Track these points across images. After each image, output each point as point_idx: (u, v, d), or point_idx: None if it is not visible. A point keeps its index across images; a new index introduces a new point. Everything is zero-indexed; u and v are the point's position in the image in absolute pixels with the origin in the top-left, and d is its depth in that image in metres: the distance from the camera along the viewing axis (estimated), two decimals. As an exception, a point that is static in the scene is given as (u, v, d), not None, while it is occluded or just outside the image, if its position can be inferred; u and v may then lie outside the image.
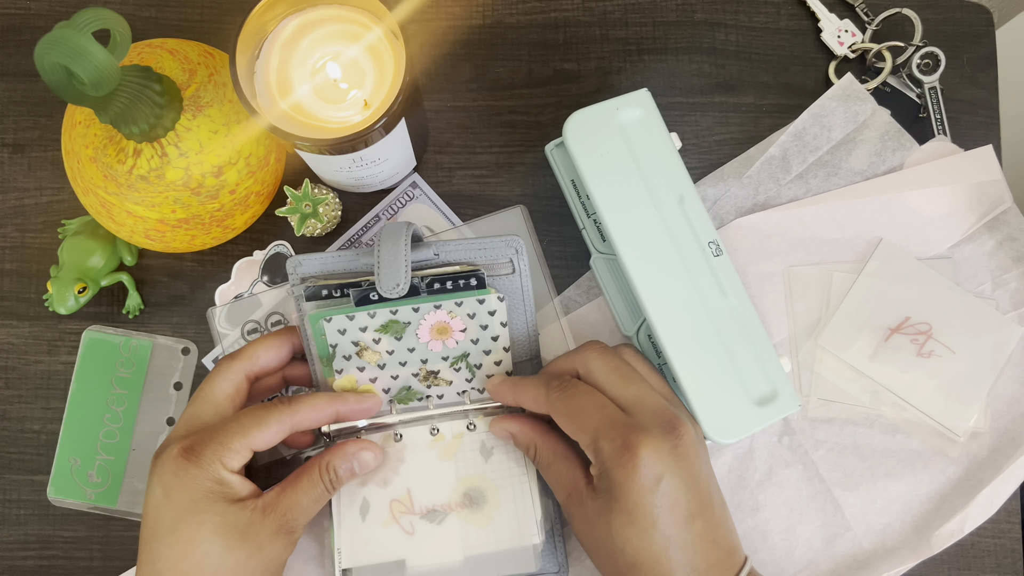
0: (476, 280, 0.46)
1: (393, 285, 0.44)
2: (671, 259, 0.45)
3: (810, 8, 0.54)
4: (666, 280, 0.45)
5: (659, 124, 0.47)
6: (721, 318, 0.45)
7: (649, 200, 0.46)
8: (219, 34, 0.53)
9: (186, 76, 0.44)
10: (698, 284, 0.45)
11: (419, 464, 0.46)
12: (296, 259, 0.46)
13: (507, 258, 0.47)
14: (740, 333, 0.45)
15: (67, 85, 0.37)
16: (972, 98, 0.53)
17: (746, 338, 0.45)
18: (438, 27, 0.54)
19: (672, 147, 0.47)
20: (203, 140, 0.44)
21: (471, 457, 0.46)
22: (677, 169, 0.47)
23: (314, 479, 0.42)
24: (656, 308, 0.45)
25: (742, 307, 0.46)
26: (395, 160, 0.47)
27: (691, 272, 0.45)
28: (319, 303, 0.46)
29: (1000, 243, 0.51)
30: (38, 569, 0.50)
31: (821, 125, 0.52)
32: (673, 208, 0.46)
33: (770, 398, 0.45)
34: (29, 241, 0.52)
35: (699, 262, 0.46)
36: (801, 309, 0.51)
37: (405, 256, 0.44)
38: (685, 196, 0.46)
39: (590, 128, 0.47)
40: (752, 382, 0.45)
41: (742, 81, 0.53)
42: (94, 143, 0.44)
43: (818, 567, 0.49)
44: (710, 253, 0.46)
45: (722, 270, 0.46)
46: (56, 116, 0.53)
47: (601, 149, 0.46)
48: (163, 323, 0.51)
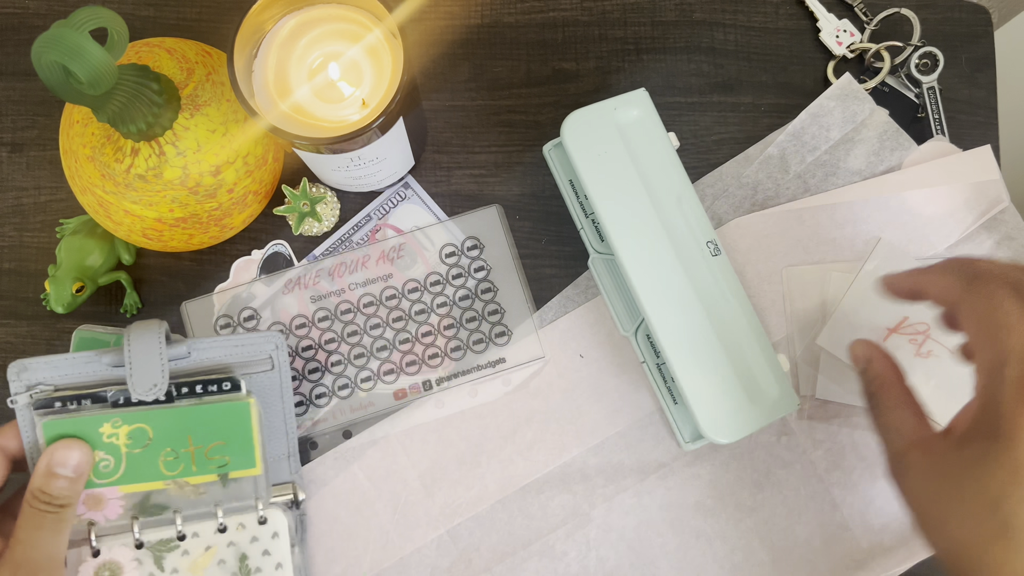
0: (230, 384, 0.44)
1: (150, 385, 0.42)
2: (669, 258, 0.45)
3: (808, 8, 0.54)
4: (664, 279, 0.45)
5: (657, 124, 0.47)
6: (720, 318, 0.45)
7: (647, 199, 0.46)
8: (217, 33, 0.53)
9: (184, 75, 0.44)
10: (696, 283, 0.45)
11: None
12: (20, 363, 0.43)
13: (266, 354, 0.46)
14: (739, 333, 0.45)
15: (65, 84, 0.37)
16: (970, 98, 0.53)
17: (745, 338, 0.45)
18: (436, 26, 0.54)
19: (670, 147, 0.47)
20: (201, 139, 0.43)
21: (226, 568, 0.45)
22: (675, 169, 0.47)
23: (32, 513, 0.38)
24: (654, 307, 0.45)
25: (741, 307, 0.45)
26: (393, 159, 0.47)
27: (689, 271, 0.45)
28: (49, 412, 0.43)
29: (998, 243, 0.51)
30: (36, 568, 0.50)
31: (820, 125, 0.52)
32: (671, 207, 0.46)
33: (769, 398, 0.45)
34: (27, 240, 0.52)
35: (697, 262, 0.46)
36: (799, 308, 0.51)
37: (161, 353, 0.42)
38: (683, 196, 0.46)
39: (588, 128, 0.46)
40: (751, 382, 0.45)
41: (740, 81, 0.53)
42: (92, 142, 0.44)
43: (816, 567, 0.49)
44: (708, 252, 0.46)
45: (720, 270, 0.46)
46: (54, 115, 0.53)
47: (599, 149, 0.46)
48: (161, 322, 0.51)
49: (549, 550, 0.49)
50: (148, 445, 0.43)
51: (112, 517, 0.44)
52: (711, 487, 0.49)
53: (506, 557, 0.49)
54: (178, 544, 0.44)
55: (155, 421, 0.43)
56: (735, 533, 0.49)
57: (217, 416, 0.44)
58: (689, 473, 0.49)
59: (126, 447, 0.43)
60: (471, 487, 0.49)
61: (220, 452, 0.44)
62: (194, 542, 0.44)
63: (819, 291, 0.51)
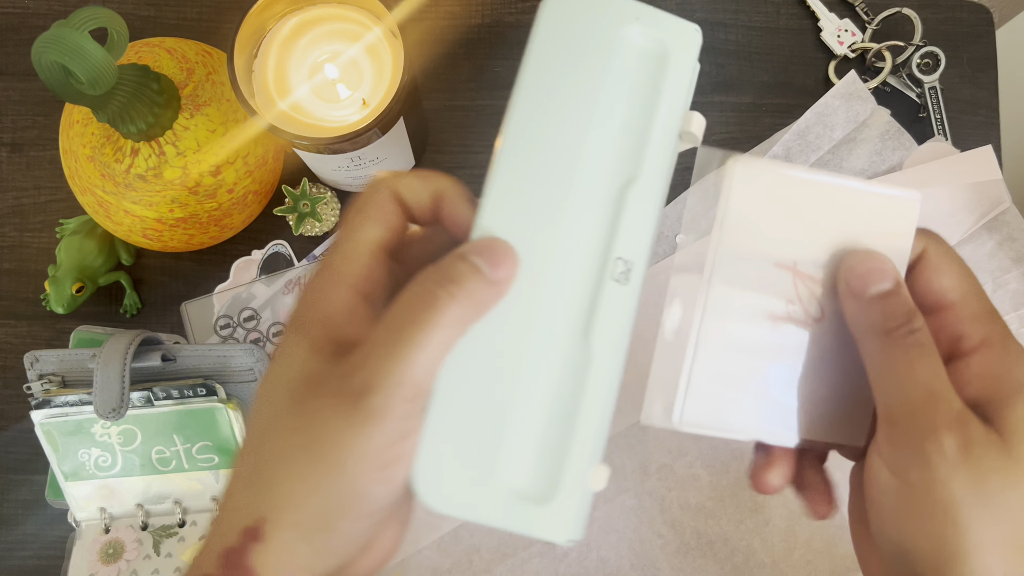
0: (205, 389, 0.46)
1: (109, 410, 0.44)
2: (544, 242, 0.28)
3: (810, 7, 0.53)
4: (525, 266, 0.28)
5: (683, 82, 0.30)
6: (555, 361, 0.28)
7: (583, 154, 0.29)
8: (217, 33, 0.53)
9: (184, 75, 0.44)
10: (558, 297, 0.28)
11: None
12: (33, 354, 0.46)
13: (249, 366, 0.47)
14: (566, 396, 0.28)
15: (65, 84, 0.37)
16: (972, 98, 0.53)
17: (569, 408, 0.28)
18: (437, 26, 0.54)
19: (670, 123, 0.30)
20: (201, 139, 0.43)
21: None
22: (655, 149, 0.29)
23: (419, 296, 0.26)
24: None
25: (600, 365, 0.28)
26: (393, 159, 0.47)
27: (562, 276, 0.28)
28: (49, 415, 0.46)
29: (1000, 244, 0.51)
30: (37, 569, 0.50)
31: (824, 124, 0.52)
32: (606, 188, 0.29)
33: (536, 498, 0.27)
34: (27, 240, 0.52)
35: (583, 273, 0.29)
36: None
37: (123, 377, 0.44)
38: (636, 184, 0.29)
39: (583, 18, 0.30)
40: (528, 464, 0.28)
41: (742, 80, 0.53)
42: (92, 142, 0.44)
43: (816, 568, 0.49)
44: (610, 273, 0.28)
45: (609, 302, 0.28)
46: (55, 115, 0.53)
47: (576, 49, 0.30)
48: (161, 322, 0.51)
49: (550, 551, 0.49)
50: (138, 443, 0.46)
51: (121, 502, 0.48)
52: (711, 488, 0.49)
53: (507, 558, 0.49)
54: (177, 531, 0.47)
55: (140, 423, 0.46)
56: (736, 534, 0.49)
57: (197, 419, 0.46)
58: (689, 474, 0.49)
59: (119, 444, 0.46)
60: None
61: (207, 452, 0.47)
62: (191, 530, 0.47)
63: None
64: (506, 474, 0.27)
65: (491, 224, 0.28)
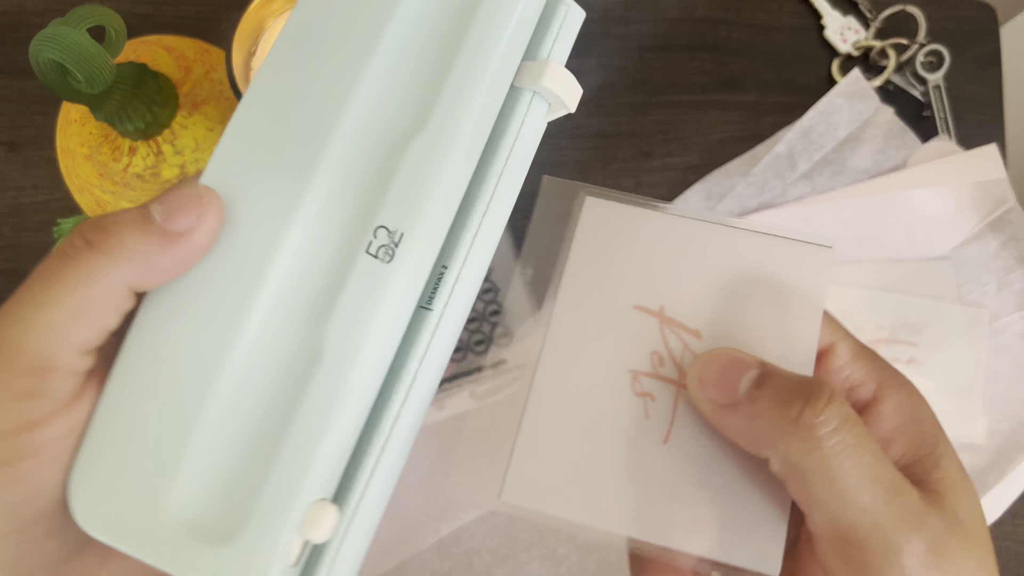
0: None
1: None
2: (285, 210, 0.22)
3: (813, 5, 0.53)
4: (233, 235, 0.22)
5: (509, 12, 0.23)
6: (272, 356, 0.22)
7: (351, 97, 0.22)
8: (216, 31, 0.53)
9: (182, 73, 0.44)
10: (290, 272, 0.22)
11: None
12: None
13: None
14: (279, 404, 0.21)
15: (62, 82, 0.36)
16: (976, 96, 0.53)
17: (280, 418, 0.21)
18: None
19: (485, 64, 0.23)
20: (199, 138, 0.43)
21: None
22: (453, 95, 0.22)
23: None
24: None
25: (334, 364, 0.21)
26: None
27: (300, 245, 0.22)
28: None
29: (1004, 243, 0.51)
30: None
31: (827, 122, 0.51)
32: (379, 140, 0.22)
33: (211, 536, 0.21)
34: (25, 240, 0.52)
35: (328, 244, 0.22)
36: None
37: None
38: (420, 136, 0.22)
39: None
40: (210, 490, 0.21)
41: (744, 79, 0.53)
42: (89, 141, 0.43)
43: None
44: (365, 244, 0.22)
45: (360, 282, 0.22)
46: (52, 114, 0.53)
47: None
48: (160, 323, 0.51)
49: (551, 553, 0.49)
50: None
51: None
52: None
53: (507, 560, 0.48)
54: None
55: None
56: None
57: None
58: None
59: None
60: (472, 490, 0.49)
61: None
62: None
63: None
64: (179, 500, 0.21)
65: (214, 176, 0.22)
